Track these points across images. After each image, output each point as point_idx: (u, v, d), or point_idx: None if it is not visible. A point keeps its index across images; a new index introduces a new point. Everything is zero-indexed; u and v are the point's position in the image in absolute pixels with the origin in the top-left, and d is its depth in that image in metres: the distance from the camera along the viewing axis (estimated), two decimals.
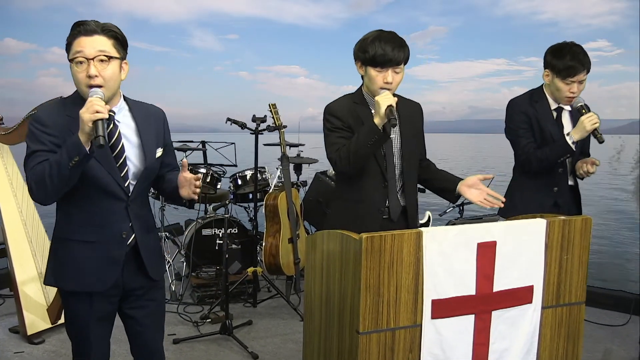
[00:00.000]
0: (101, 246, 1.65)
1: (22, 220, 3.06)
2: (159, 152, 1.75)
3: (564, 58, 2.29)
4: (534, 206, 2.31)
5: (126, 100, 1.72)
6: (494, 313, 1.68)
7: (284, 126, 3.53)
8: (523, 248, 1.69)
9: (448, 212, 4.24)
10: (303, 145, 4.36)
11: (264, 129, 3.55)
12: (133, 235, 1.70)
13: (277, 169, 3.78)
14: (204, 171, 4.01)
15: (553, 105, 2.43)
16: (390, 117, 1.80)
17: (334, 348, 1.68)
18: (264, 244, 3.52)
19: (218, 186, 4.18)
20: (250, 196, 4.07)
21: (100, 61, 1.56)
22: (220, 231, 3.85)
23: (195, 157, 4.53)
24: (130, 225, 1.69)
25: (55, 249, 1.72)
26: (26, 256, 3.01)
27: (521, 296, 1.71)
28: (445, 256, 1.58)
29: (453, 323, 1.63)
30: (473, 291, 1.63)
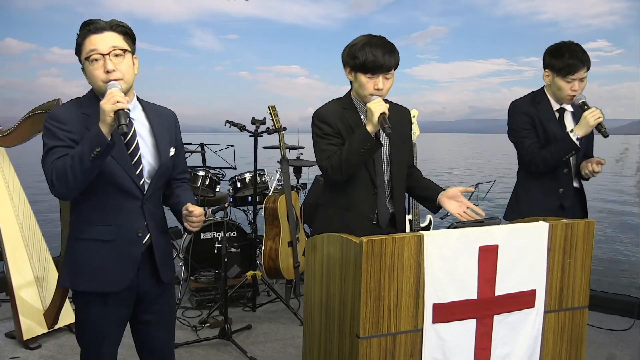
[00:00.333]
0: (117, 245, 1.65)
1: (19, 224, 3.03)
2: (172, 152, 1.76)
3: (563, 56, 2.29)
4: (540, 209, 2.29)
5: (139, 99, 1.74)
6: (496, 317, 1.66)
7: (284, 128, 3.52)
8: (525, 252, 1.67)
9: (449, 216, 4.22)
10: (303, 147, 4.34)
11: (264, 132, 3.54)
12: (148, 234, 1.71)
13: (277, 172, 3.76)
14: (203, 174, 3.99)
15: (555, 106, 2.42)
16: (384, 126, 1.78)
17: (334, 353, 1.67)
18: (264, 248, 3.50)
19: (217, 189, 4.17)
20: (249, 199, 4.05)
21: (115, 56, 1.58)
22: (219, 234, 3.83)
23: (194, 160, 4.51)
24: (145, 224, 1.69)
25: (70, 249, 1.71)
26: (23, 260, 2.98)
27: (523, 300, 1.69)
28: (446, 260, 1.57)
29: (454, 327, 1.61)
30: (475, 295, 1.61)
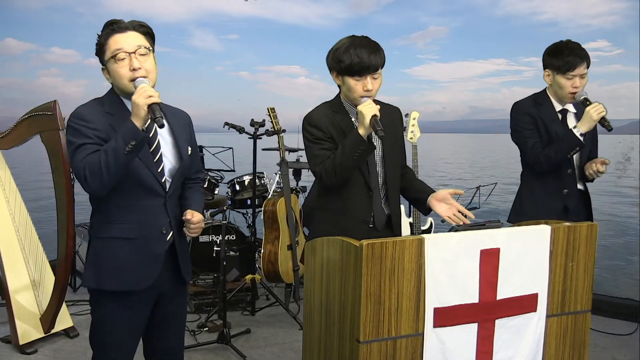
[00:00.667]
0: (142, 243, 1.66)
1: (15, 226, 3.01)
2: (189, 151, 1.78)
3: (562, 54, 2.29)
4: (544, 211, 2.28)
5: None
6: (498, 321, 1.64)
7: (283, 130, 3.50)
8: (527, 255, 1.66)
9: None
10: (302, 150, 4.32)
11: (263, 134, 3.52)
12: (171, 232, 1.71)
13: (276, 174, 3.74)
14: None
15: (557, 107, 2.41)
16: (377, 128, 1.76)
17: (334, 357, 1.65)
18: (263, 251, 3.47)
19: (216, 192, 4.16)
20: (248, 202, 4.03)
21: (140, 55, 1.60)
22: (217, 238, 3.80)
23: None
24: (169, 221, 1.70)
25: (93, 249, 1.69)
26: (18, 263, 2.96)
27: (525, 304, 1.67)
28: (447, 263, 1.55)
29: (456, 332, 1.59)
30: (476, 299, 1.59)
